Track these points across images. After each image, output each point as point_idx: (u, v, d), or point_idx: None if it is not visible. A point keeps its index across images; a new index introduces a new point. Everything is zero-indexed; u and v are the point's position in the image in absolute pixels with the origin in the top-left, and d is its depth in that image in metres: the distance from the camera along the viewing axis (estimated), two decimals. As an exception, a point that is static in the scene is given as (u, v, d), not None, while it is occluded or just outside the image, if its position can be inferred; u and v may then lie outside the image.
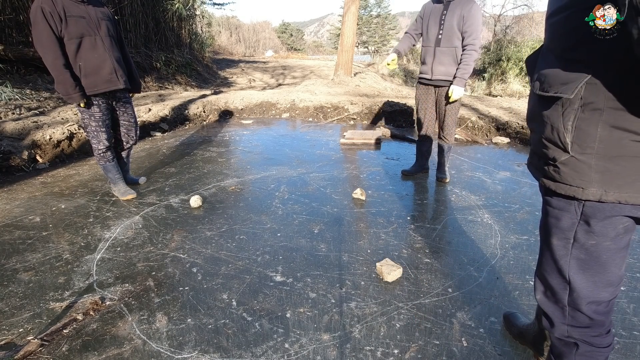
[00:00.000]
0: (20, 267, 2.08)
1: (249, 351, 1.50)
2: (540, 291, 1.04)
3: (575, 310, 0.95)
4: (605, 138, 0.78)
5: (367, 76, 11.29)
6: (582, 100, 0.78)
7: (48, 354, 1.49)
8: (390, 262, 2.02)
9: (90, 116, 2.62)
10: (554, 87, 0.83)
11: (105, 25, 2.55)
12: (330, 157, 4.10)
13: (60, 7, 2.33)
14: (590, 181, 0.81)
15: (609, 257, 0.88)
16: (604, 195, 0.81)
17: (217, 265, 2.09)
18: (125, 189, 3.00)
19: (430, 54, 2.92)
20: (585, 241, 0.88)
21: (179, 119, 5.81)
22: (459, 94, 2.86)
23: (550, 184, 0.89)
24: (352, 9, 8.68)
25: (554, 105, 0.83)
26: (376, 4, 34.91)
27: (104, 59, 2.54)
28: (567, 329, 0.97)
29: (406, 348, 1.51)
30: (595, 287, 0.91)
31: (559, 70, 0.82)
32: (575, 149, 0.82)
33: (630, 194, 0.79)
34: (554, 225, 0.93)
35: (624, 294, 1.82)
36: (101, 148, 2.76)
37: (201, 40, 12.14)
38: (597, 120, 0.78)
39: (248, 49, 28.47)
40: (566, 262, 0.92)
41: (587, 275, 0.90)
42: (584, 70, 0.77)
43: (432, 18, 2.88)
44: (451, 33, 2.79)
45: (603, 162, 0.79)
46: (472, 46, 2.76)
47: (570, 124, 0.81)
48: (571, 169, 0.83)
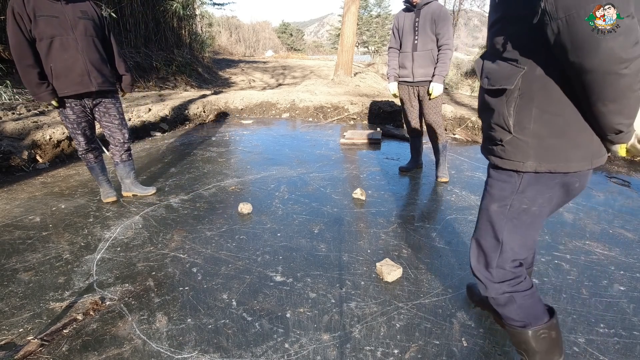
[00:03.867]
0: (20, 267, 2.08)
1: (249, 351, 1.50)
2: (475, 258, 1.22)
3: (500, 269, 1.16)
4: (538, 120, 0.97)
5: (367, 76, 11.29)
6: (519, 91, 0.97)
7: (48, 354, 1.49)
8: (390, 262, 2.02)
9: (65, 118, 2.56)
10: (499, 81, 1.01)
11: (82, 24, 2.43)
12: (330, 157, 4.10)
13: (30, 7, 2.26)
14: (528, 156, 1.00)
15: (532, 221, 1.09)
16: (538, 167, 1.00)
17: (217, 265, 2.09)
18: (107, 191, 2.93)
19: (409, 59, 3.14)
20: (518, 206, 1.08)
21: (179, 119, 5.81)
22: (439, 90, 3.07)
23: (498, 160, 1.08)
24: (352, 9, 8.67)
25: (499, 96, 1.02)
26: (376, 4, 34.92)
27: (75, 60, 2.42)
28: (499, 285, 1.17)
29: (406, 348, 1.51)
30: (519, 248, 1.14)
31: (501, 68, 1.01)
32: (517, 130, 1.00)
33: (558, 164, 0.98)
34: (496, 194, 1.11)
35: (624, 294, 1.83)
36: (80, 149, 2.73)
37: (201, 40, 12.13)
38: (530, 106, 0.97)
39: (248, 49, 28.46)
40: (501, 226, 1.12)
41: (515, 237, 1.12)
42: (519, 67, 0.96)
43: (406, 26, 3.11)
44: (426, 37, 3.02)
45: (537, 139, 0.98)
46: (447, 46, 3.00)
47: (512, 110, 0.99)
48: (513, 147, 1.02)
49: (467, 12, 22.95)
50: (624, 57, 0.74)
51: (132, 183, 3.04)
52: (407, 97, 3.33)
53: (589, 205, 2.85)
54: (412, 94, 3.28)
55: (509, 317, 1.19)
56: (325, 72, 12.75)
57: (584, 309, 1.73)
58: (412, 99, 3.31)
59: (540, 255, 2.16)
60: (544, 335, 1.16)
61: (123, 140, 2.85)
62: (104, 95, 2.66)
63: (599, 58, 0.75)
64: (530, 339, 1.17)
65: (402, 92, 3.34)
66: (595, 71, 0.78)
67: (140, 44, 9.46)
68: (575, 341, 1.54)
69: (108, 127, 2.78)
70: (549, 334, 1.17)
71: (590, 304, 1.76)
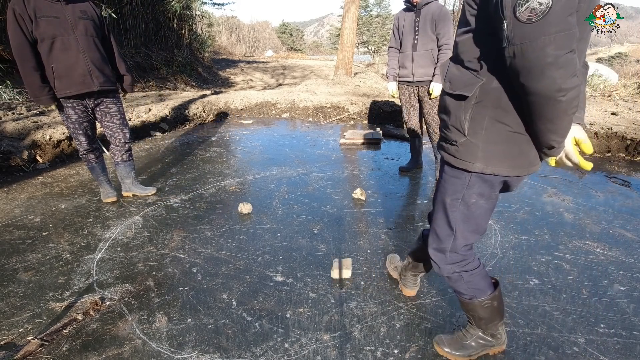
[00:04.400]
0: (20, 267, 2.08)
1: (249, 351, 1.50)
2: (431, 243, 1.36)
3: (453, 253, 1.31)
4: (489, 127, 1.07)
5: (367, 76, 11.28)
6: (476, 99, 1.06)
7: (48, 354, 1.49)
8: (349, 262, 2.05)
9: (67, 118, 2.56)
10: (459, 87, 1.09)
11: (82, 24, 2.44)
12: (330, 157, 4.10)
13: (31, 7, 2.26)
14: (477, 158, 1.11)
15: (481, 213, 1.22)
16: (485, 169, 1.11)
17: (217, 265, 2.09)
18: (107, 191, 2.93)
19: (409, 59, 3.14)
20: (468, 200, 1.20)
21: (179, 119, 5.81)
22: (439, 90, 3.04)
23: (451, 158, 1.18)
24: (352, 9, 8.67)
25: (458, 101, 1.11)
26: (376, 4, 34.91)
27: (77, 60, 2.42)
28: (450, 267, 1.33)
29: (406, 348, 1.51)
30: (470, 234, 1.27)
31: (462, 75, 1.10)
32: (470, 134, 1.10)
33: (501, 169, 1.10)
34: (449, 188, 1.23)
35: (624, 294, 1.83)
36: (81, 150, 2.73)
37: (201, 40, 12.13)
38: (484, 114, 1.07)
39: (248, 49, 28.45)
40: (454, 216, 1.25)
41: (466, 225, 1.25)
42: (479, 77, 1.05)
43: (406, 26, 3.12)
44: (426, 37, 3.03)
45: (486, 144, 1.09)
46: (447, 46, 2.99)
47: (468, 115, 1.09)
48: (466, 148, 1.12)
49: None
50: (563, 87, 0.85)
51: (132, 183, 3.04)
52: (406, 97, 3.33)
53: (589, 205, 2.85)
54: (412, 94, 3.28)
55: (458, 291, 1.38)
56: (325, 72, 12.75)
57: (584, 309, 1.73)
58: (411, 99, 3.31)
59: (540, 255, 2.16)
60: (487, 304, 1.36)
61: (124, 140, 2.85)
62: (106, 95, 2.66)
63: (542, 84, 0.86)
64: (477, 307, 1.37)
65: (402, 92, 3.34)
66: (538, 94, 0.89)
67: (140, 44, 9.45)
68: (575, 341, 1.54)
69: (109, 127, 2.78)
70: (492, 304, 1.37)
71: (590, 304, 1.76)
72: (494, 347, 1.46)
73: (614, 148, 4.20)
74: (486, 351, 1.46)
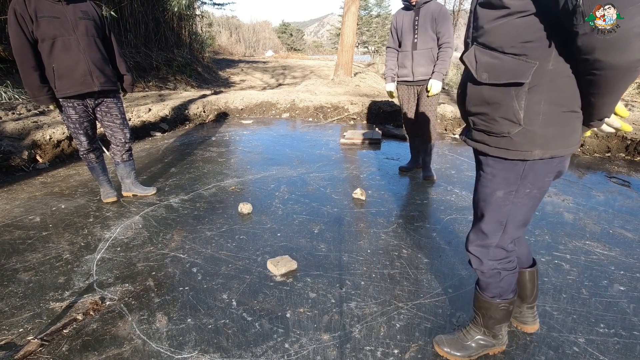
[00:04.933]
0: (20, 267, 2.08)
1: (249, 351, 1.50)
2: (475, 241, 1.32)
3: (499, 249, 1.28)
4: (545, 111, 1.04)
5: (367, 76, 11.29)
6: (529, 85, 1.02)
7: (48, 354, 1.49)
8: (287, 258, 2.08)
9: (67, 118, 2.56)
10: (505, 76, 1.04)
11: (83, 24, 2.44)
12: (330, 157, 4.10)
13: (32, 8, 2.26)
14: (535, 145, 1.08)
15: (533, 204, 1.20)
16: (544, 154, 1.08)
17: (217, 265, 2.09)
18: (107, 191, 2.93)
19: (408, 58, 3.14)
20: (522, 190, 1.16)
21: (179, 119, 5.81)
22: (438, 87, 3.07)
23: (502, 151, 1.14)
24: (352, 9, 8.67)
25: (505, 90, 1.06)
26: (376, 4, 34.90)
27: (78, 61, 2.43)
28: (493, 263, 1.30)
29: (406, 348, 1.51)
30: (518, 228, 1.24)
31: (504, 62, 1.04)
32: (526, 122, 1.06)
33: (558, 150, 1.08)
34: (500, 182, 1.18)
35: (624, 294, 1.83)
36: (81, 150, 2.73)
37: (201, 40, 12.13)
38: (539, 99, 1.03)
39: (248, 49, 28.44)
40: (506, 210, 1.21)
41: (517, 218, 1.22)
42: (530, 61, 1.00)
43: (405, 25, 3.10)
44: (426, 36, 3.02)
45: (543, 129, 1.06)
46: (448, 44, 3.01)
47: (523, 102, 1.04)
48: (522, 138, 1.08)
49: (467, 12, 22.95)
50: None
51: (133, 183, 3.04)
52: (406, 97, 3.32)
53: (589, 205, 2.85)
54: (411, 94, 3.28)
55: (485, 289, 1.36)
56: (325, 72, 12.75)
57: (584, 309, 1.73)
58: (411, 99, 3.31)
59: (540, 255, 2.16)
60: (504, 307, 1.36)
61: (124, 140, 2.85)
62: (106, 95, 2.66)
63: (625, 56, 0.83)
64: (493, 307, 1.36)
65: (402, 92, 3.33)
66: (617, 67, 0.85)
67: (140, 44, 9.45)
68: (575, 341, 1.54)
69: (110, 127, 2.78)
70: (508, 307, 1.37)
71: (590, 304, 1.76)
72: (494, 347, 1.46)
73: (614, 148, 4.20)
74: (486, 351, 1.46)
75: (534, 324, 1.57)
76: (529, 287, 1.50)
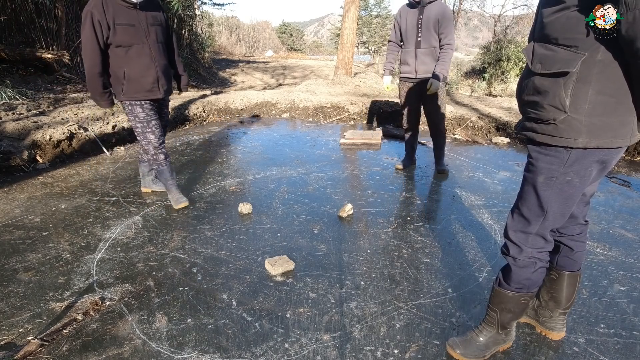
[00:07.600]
0: (20, 267, 2.08)
1: (249, 351, 1.50)
2: (514, 224, 1.32)
3: (538, 236, 1.29)
4: (593, 101, 1.06)
5: (367, 76, 11.29)
6: (578, 74, 1.05)
7: (48, 354, 1.49)
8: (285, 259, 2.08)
9: (135, 117, 2.56)
10: (555, 65, 1.08)
11: (154, 31, 2.48)
12: (330, 157, 4.10)
13: (110, 14, 2.26)
14: (580, 133, 1.09)
15: (574, 193, 1.21)
16: (588, 143, 1.09)
17: (217, 265, 2.09)
18: (177, 196, 2.84)
19: (411, 56, 3.16)
20: (563, 179, 1.18)
21: (179, 119, 5.80)
22: (437, 86, 3.10)
23: (547, 138, 1.17)
24: (352, 9, 8.67)
25: (555, 79, 1.10)
26: (376, 4, 34.91)
27: (149, 68, 2.48)
28: (531, 250, 1.30)
29: (406, 348, 1.51)
30: (559, 217, 1.26)
31: (556, 53, 1.08)
32: (572, 110, 1.08)
33: (605, 141, 1.09)
34: (543, 167, 1.20)
35: (623, 294, 1.83)
36: (151, 150, 2.69)
37: (201, 40, 12.12)
38: (587, 88, 1.05)
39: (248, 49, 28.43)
40: (547, 195, 1.22)
41: (558, 206, 1.23)
42: (579, 52, 1.04)
43: (409, 23, 3.13)
44: (429, 35, 3.06)
45: (589, 118, 1.07)
46: (449, 45, 3.06)
47: (570, 91, 1.07)
48: (567, 125, 1.10)
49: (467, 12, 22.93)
50: None
51: (153, 180, 3.09)
52: (407, 94, 3.33)
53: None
54: (412, 90, 3.29)
55: (513, 280, 1.33)
56: (326, 72, 12.75)
57: (584, 309, 1.73)
58: (411, 95, 3.32)
59: (540, 255, 2.16)
60: (524, 301, 1.35)
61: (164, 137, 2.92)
62: (164, 97, 2.73)
63: None
64: (513, 300, 1.35)
65: (403, 89, 3.35)
66: None
67: (140, 44, 9.44)
68: (575, 341, 1.54)
69: None
70: (527, 301, 1.36)
71: (590, 304, 1.76)
72: (504, 343, 1.47)
73: (614, 148, 4.19)
74: (497, 349, 1.47)
75: (561, 331, 1.55)
76: (570, 291, 1.47)
